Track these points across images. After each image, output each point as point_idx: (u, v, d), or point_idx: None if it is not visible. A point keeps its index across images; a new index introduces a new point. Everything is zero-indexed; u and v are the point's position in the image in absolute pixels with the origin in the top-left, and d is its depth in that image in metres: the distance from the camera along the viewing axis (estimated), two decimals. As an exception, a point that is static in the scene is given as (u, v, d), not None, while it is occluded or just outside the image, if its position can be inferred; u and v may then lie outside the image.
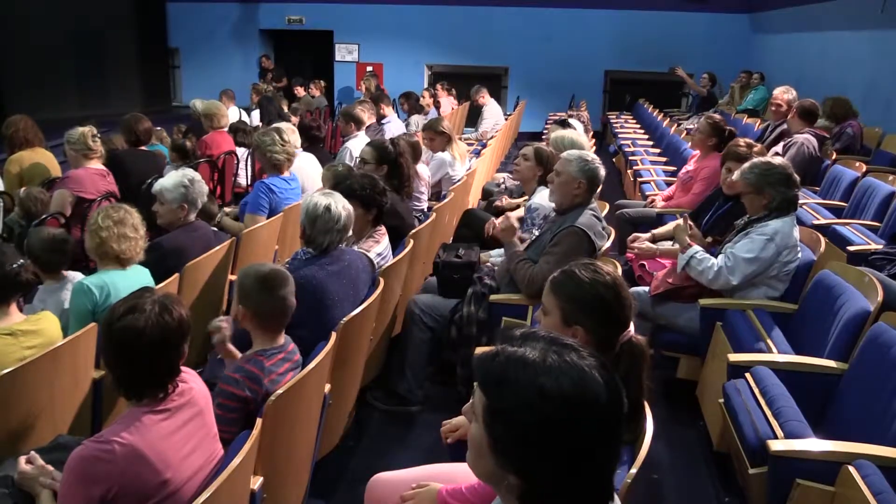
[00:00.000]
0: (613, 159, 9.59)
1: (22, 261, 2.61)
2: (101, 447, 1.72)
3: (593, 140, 7.31)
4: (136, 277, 3.04)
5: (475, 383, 1.18)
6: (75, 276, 3.18)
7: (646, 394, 1.89)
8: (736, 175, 3.53)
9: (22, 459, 2.02)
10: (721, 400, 2.86)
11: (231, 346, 2.60)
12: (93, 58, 12.93)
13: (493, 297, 3.43)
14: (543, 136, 7.10)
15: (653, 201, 5.57)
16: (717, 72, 11.13)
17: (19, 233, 4.42)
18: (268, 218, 4.41)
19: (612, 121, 11.44)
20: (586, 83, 13.17)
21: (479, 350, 3.07)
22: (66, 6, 12.10)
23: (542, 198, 4.09)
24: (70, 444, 2.10)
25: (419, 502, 1.94)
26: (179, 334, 1.86)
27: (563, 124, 5.84)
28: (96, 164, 4.87)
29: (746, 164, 3.50)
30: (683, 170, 5.60)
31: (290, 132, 5.09)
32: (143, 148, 5.66)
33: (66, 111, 10.85)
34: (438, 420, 2.41)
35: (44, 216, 4.37)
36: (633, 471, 1.69)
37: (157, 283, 3.09)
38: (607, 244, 3.59)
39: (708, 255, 3.42)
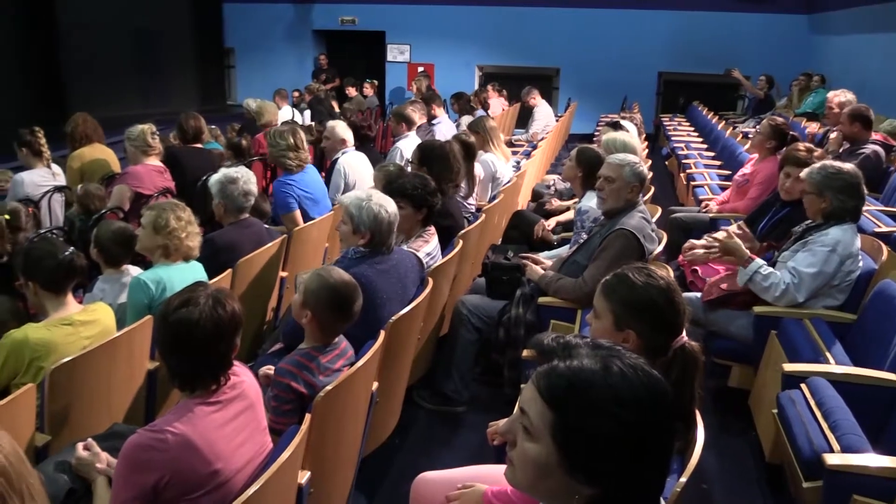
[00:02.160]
0: (666, 162, 9.44)
1: (73, 248, 2.69)
2: (154, 436, 1.76)
3: (646, 143, 7.21)
4: (190, 272, 3.11)
5: (522, 399, 1.17)
6: (134, 269, 3.27)
7: (697, 402, 1.85)
8: (803, 173, 3.42)
9: (79, 446, 2.08)
10: (775, 410, 2.79)
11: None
12: (152, 57, 13.26)
13: (541, 299, 3.41)
14: (595, 138, 7.02)
15: (707, 205, 5.46)
16: (774, 74, 10.87)
17: (80, 227, 4.55)
18: (301, 211, 4.47)
19: (665, 123, 11.26)
20: (639, 85, 13.00)
21: (525, 354, 3.08)
22: (127, 7, 12.43)
23: (594, 200, 4.05)
24: (125, 433, 2.15)
25: (464, 503, 1.94)
26: (232, 328, 1.89)
27: (615, 126, 5.77)
28: (154, 161, 4.99)
29: (817, 164, 3.41)
30: (740, 173, 5.47)
31: (344, 132, 5.15)
32: (198, 145, 5.78)
33: (126, 109, 11.14)
34: (484, 421, 2.40)
35: (103, 210, 4.50)
36: (683, 480, 1.66)
37: (209, 277, 3.16)
38: (658, 248, 3.53)
39: (772, 270, 3.27)
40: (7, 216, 3.97)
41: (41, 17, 11.18)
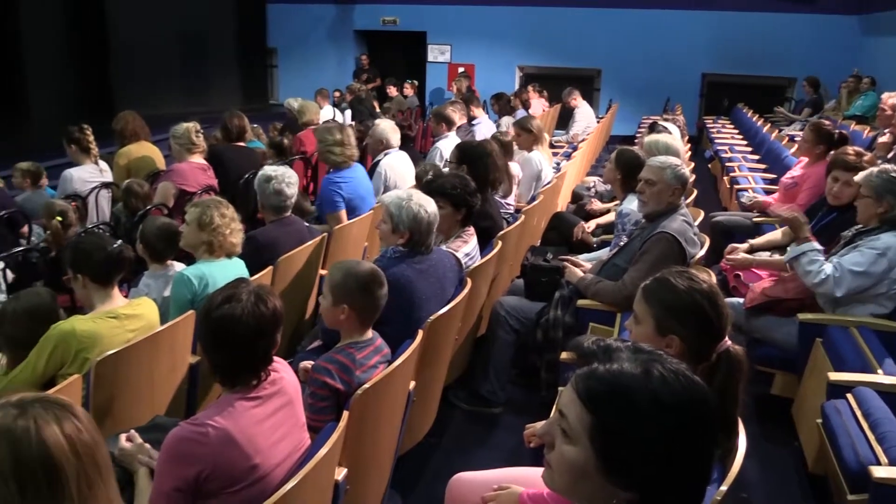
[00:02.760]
0: (709, 165, 9.30)
1: (120, 241, 2.74)
2: (196, 429, 1.79)
3: (688, 145, 7.11)
4: (232, 268, 3.15)
5: (560, 402, 1.16)
6: (179, 265, 3.32)
7: (740, 408, 1.82)
8: (860, 177, 3.34)
9: (122, 437, 2.12)
10: (819, 420, 2.72)
11: None
12: (196, 57, 13.50)
13: (580, 301, 3.38)
14: (636, 140, 6.95)
15: (758, 202, 5.33)
16: (821, 76, 10.63)
17: (125, 223, 4.65)
18: (349, 215, 4.49)
19: (708, 125, 11.09)
20: (682, 86, 12.83)
21: (563, 356, 3.05)
22: (173, 8, 12.67)
23: (635, 203, 4.00)
24: (167, 425, 2.19)
25: None
26: (273, 324, 1.91)
27: (653, 128, 5.71)
28: (198, 159, 5.08)
29: (875, 168, 3.33)
30: (787, 175, 5.35)
31: (392, 131, 5.18)
32: (241, 144, 5.86)
33: (171, 107, 11.36)
34: (520, 423, 2.39)
35: (148, 207, 4.59)
36: (724, 488, 1.64)
37: (251, 274, 3.20)
38: (700, 252, 3.48)
39: (821, 259, 3.22)
40: (59, 217, 4.08)
41: (91, 17, 11.46)
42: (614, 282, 3.31)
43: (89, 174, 5.28)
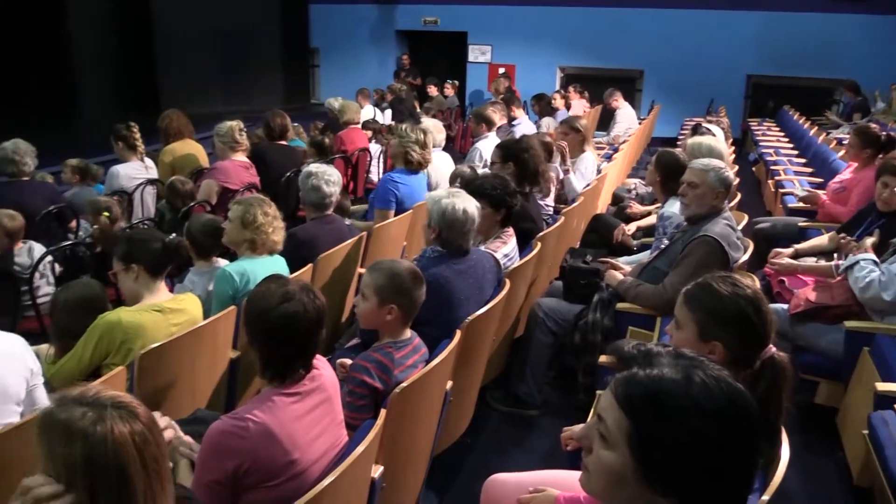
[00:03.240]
0: (753, 169, 9.13)
1: (174, 234, 2.80)
2: (236, 423, 1.81)
3: (732, 148, 6.99)
4: (272, 265, 3.19)
5: (599, 406, 1.16)
6: (223, 262, 3.37)
7: (784, 417, 1.78)
8: None
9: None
10: (865, 431, 2.66)
11: None
12: (240, 56, 13.70)
13: (619, 305, 3.35)
14: (678, 142, 6.86)
15: (813, 194, 5.20)
16: (872, 78, 10.36)
17: (169, 219, 4.74)
18: (396, 212, 4.51)
19: (753, 128, 10.89)
20: (726, 88, 12.61)
21: (602, 360, 3.03)
22: (218, 7, 12.88)
23: (677, 206, 3.95)
24: (207, 418, 2.23)
25: None
26: (320, 322, 1.94)
27: (696, 130, 5.63)
28: (241, 157, 5.15)
29: None
30: (836, 179, 5.23)
31: (438, 131, 5.18)
32: (283, 143, 5.93)
33: (214, 106, 11.56)
34: (557, 425, 2.38)
35: (192, 203, 4.67)
36: (766, 498, 1.61)
37: (291, 271, 3.23)
38: (744, 257, 3.42)
39: (872, 267, 3.16)
40: (106, 213, 4.18)
41: (138, 17, 11.71)
42: (654, 285, 3.27)
43: (135, 171, 5.40)
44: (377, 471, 2.07)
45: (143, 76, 11.83)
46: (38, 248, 3.90)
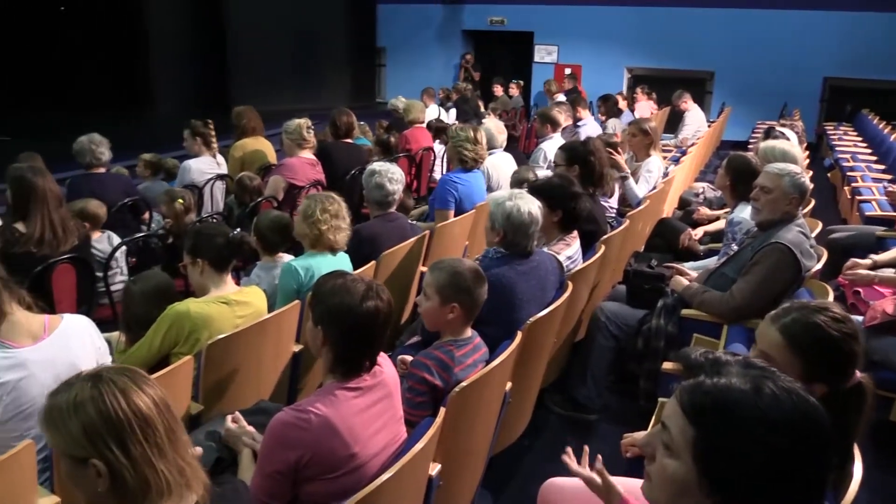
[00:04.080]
0: (828, 174, 8.82)
1: (239, 229, 2.86)
2: (299, 415, 1.84)
3: (807, 152, 6.76)
4: (336, 262, 3.24)
5: (664, 413, 1.14)
6: (288, 257, 3.43)
7: (858, 435, 1.71)
8: None
9: (228, 418, 2.21)
10: (944, 451, 2.53)
11: None
12: (308, 55, 13.95)
13: (684, 311, 3.27)
14: (750, 146, 6.67)
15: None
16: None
17: (238, 214, 4.85)
18: (455, 212, 4.51)
19: (829, 132, 10.52)
20: (801, 91, 12.21)
21: (666, 367, 2.97)
22: (288, 8, 13.14)
23: (747, 211, 3.84)
24: (270, 409, 2.27)
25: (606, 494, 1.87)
26: (390, 319, 1.97)
27: (769, 133, 5.46)
28: (308, 154, 5.24)
29: None
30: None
31: (499, 132, 5.17)
32: (349, 141, 6.01)
33: (283, 103, 11.80)
34: (616, 431, 2.35)
35: (259, 199, 4.77)
36: (838, 516, 1.55)
37: (354, 268, 3.27)
38: (817, 266, 3.30)
39: None
40: (181, 200, 4.31)
41: (211, 16, 12.04)
42: (722, 292, 3.19)
43: (206, 166, 5.54)
44: (435, 469, 2.08)
45: (216, 74, 12.17)
46: (117, 238, 4.05)
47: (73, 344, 2.26)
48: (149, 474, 1.32)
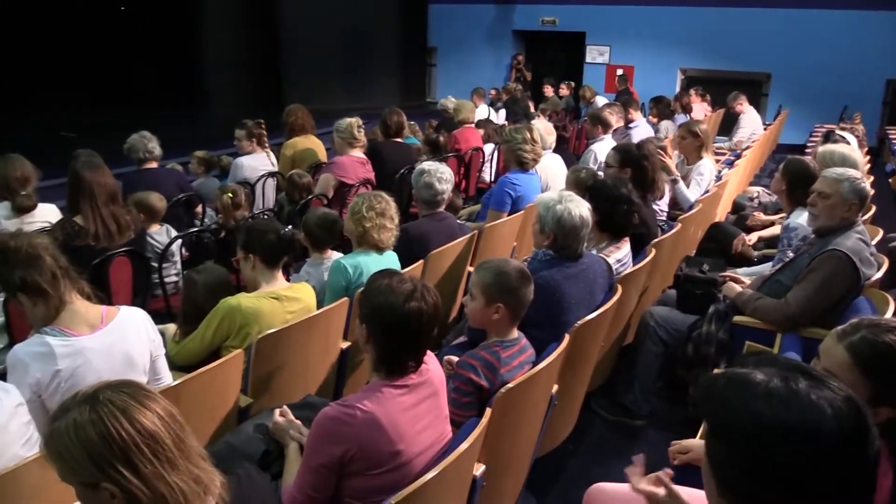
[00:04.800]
0: (890, 180, 8.54)
1: (291, 227, 2.90)
2: (345, 411, 1.86)
3: (867, 157, 6.56)
4: (384, 260, 3.26)
5: None
6: (336, 255, 3.47)
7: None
8: None
9: (276, 412, 2.25)
10: None
11: None
12: (360, 55, 14.07)
13: (736, 318, 3.20)
14: (808, 150, 6.50)
15: None
16: None
17: (288, 210, 4.92)
18: (509, 213, 4.50)
19: (891, 136, 10.19)
20: (862, 93, 11.83)
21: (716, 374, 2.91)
22: (342, 8, 13.28)
23: (804, 217, 3.74)
24: (317, 404, 2.30)
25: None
26: (436, 319, 1.98)
27: (828, 137, 5.31)
28: (358, 153, 5.29)
29: None
30: None
31: (548, 132, 5.13)
32: (399, 140, 6.04)
33: (334, 102, 11.93)
34: (663, 438, 2.31)
35: (310, 196, 4.83)
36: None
37: (402, 266, 3.28)
38: (877, 275, 3.19)
39: None
40: (230, 194, 4.39)
41: (267, 18, 12.24)
42: (776, 299, 3.11)
43: (259, 163, 5.64)
44: (479, 469, 2.08)
45: (269, 74, 12.36)
46: (174, 232, 4.14)
47: (129, 335, 2.33)
48: (164, 489, 1.29)
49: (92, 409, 1.29)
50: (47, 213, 3.97)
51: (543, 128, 5.39)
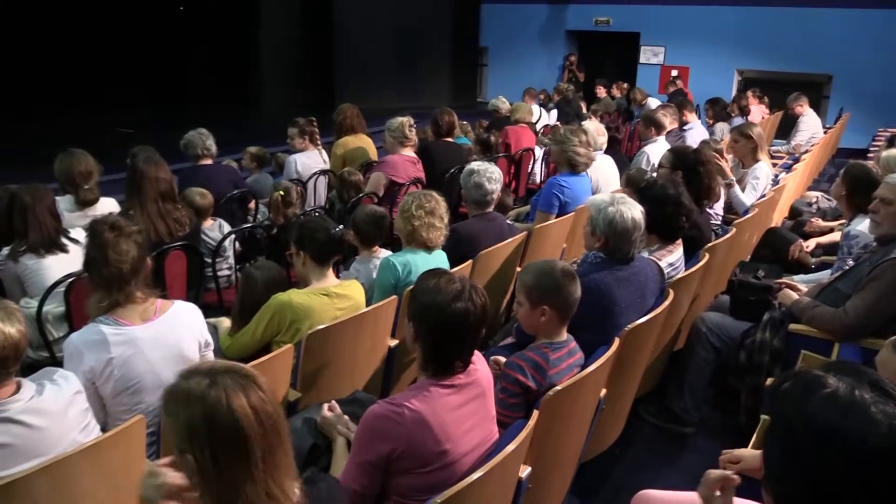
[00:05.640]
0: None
1: (342, 226, 2.92)
2: (393, 409, 1.87)
3: (933, 163, 6.31)
4: (433, 259, 3.27)
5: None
6: (385, 252, 3.49)
7: None
8: None
9: (325, 406, 2.27)
10: None
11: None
12: (411, 54, 14.14)
13: (792, 326, 3.12)
14: (870, 155, 6.30)
15: None
16: None
17: (339, 208, 4.97)
18: (557, 215, 4.46)
19: (960, 142, 9.80)
20: (930, 96, 11.41)
21: (769, 381, 2.84)
22: (392, 7, 13.37)
23: (865, 224, 3.63)
24: (365, 401, 2.32)
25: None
26: (484, 320, 1.97)
27: (892, 142, 5.13)
28: (409, 152, 5.31)
29: None
30: None
31: (599, 134, 5.08)
32: (449, 140, 6.05)
33: (385, 102, 12.03)
34: (713, 446, 2.27)
35: (360, 195, 4.87)
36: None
37: (451, 266, 3.29)
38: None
39: None
40: (282, 192, 4.45)
41: (321, 17, 12.39)
42: (834, 308, 3.02)
43: (311, 160, 5.71)
44: (525, 471, 2.07)
45: (321, 72, 12.52)
46: (227, 227, 4.22)
47: (180, 328, 2.39)
48: (231, 491, 1.33)
49: (209, 385, 1.35)
50: (108, 207, 4.10)
51: (594, 129, 5.33)
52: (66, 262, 3.26)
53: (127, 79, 11.23)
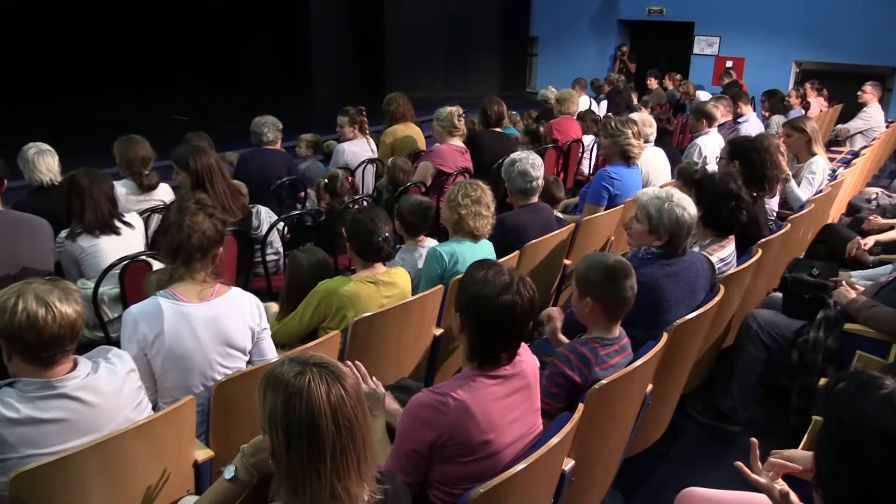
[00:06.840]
0: None
1: (387, 235, 2.89)
2: (438, 398, 1.88)
3: None
4: (480, 249, 3.27)
5: None
6: (430, 242, 3.50)
7: None
8: None
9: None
10: None
11: (561, 336, 2.66)
12: (461, 44, 14.10)
13: (847, 325, 3.04)
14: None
15: None
16: None
17: (386, 198, 4.99)
18: (606, 208, 4.41)
19: None
20: None
21: (822, 382, 2.77)
22: (442, -3, 13.37)
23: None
24: (411, 388, 2.34)
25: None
26: (532, 312, 1.96)
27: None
28: (457, 142, 5.31)
29: None
30: None
31: (647, 125, 5.00)
32: (498, 129, 6.02)
33: (434, 91, 12.02)
34: (761, 447, 2.21)
35: (408, 184, 4.89)
36: None
37: (497, 257, 3.28)
38: None
39: None
40: (326, 180, 4.49)
41: (371, 6, 12.45)
42: (893, 308, 2.93)
43: (360, 149, 5.75)
44: (568, 464, 2.07)
45: (371, 60, 12.58)
46: (265, 212, 4.26)
47: (232, 313, 2.43)
48: (298, 481, 1.38)
49: (296, 375, 1.40)
50: (165, 192, 4.20)
51: (642, 120, 5.24)
52: (122, 246, 3.35)
53: (186, 66, 11.46)
